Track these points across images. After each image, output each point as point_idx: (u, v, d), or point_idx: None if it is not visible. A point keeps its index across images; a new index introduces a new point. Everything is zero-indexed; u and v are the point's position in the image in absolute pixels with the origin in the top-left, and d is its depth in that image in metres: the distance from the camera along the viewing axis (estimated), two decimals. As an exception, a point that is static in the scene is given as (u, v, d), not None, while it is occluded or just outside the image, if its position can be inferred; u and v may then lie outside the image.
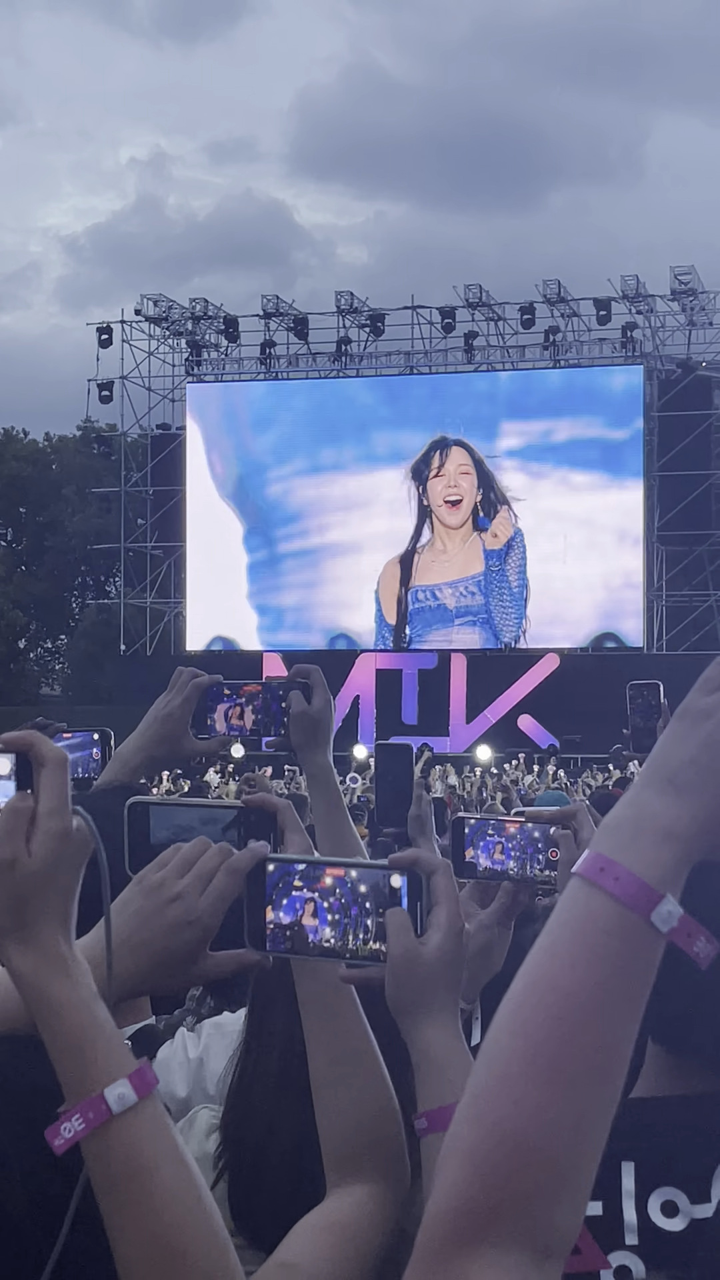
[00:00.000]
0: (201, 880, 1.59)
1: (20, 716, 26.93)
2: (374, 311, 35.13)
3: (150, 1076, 1.36)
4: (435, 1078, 1.66)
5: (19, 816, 1.38)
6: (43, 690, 58.40)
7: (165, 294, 36.73)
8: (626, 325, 33.71)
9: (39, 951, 1.36)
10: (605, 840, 1.13)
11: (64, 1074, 1.34)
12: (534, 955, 1.12)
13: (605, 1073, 1.08)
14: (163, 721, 2.78)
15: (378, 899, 1.68)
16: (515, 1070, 1.07)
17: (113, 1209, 1.32)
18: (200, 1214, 1.34)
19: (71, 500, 55.10)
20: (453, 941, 1.67)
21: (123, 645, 38.46)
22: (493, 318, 34.60)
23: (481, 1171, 1.06)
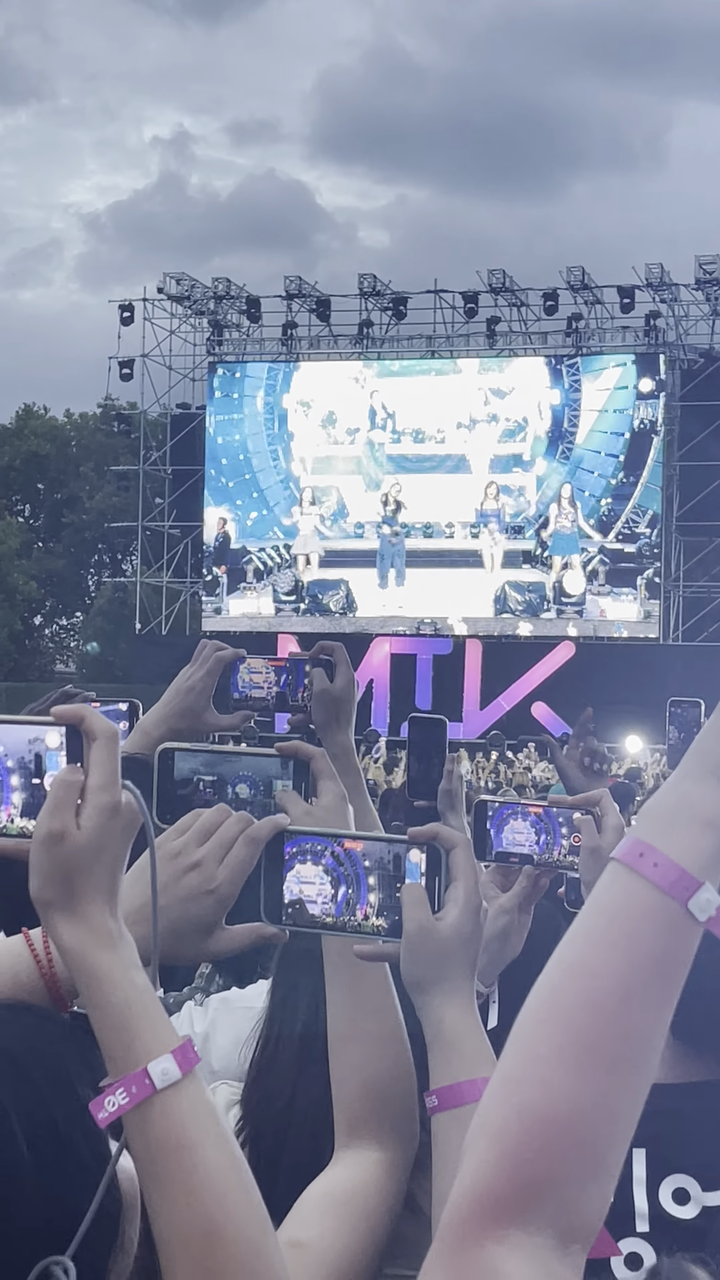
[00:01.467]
0: (221, 849, 1.59)
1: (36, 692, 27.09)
2: (396, 294, 35.05)
3: (193, 1053, 1.36)
4: (447, 1055, 1.66)
5: (69, 790, 1.38)
6: (57, 667, 58.50)
7: (188, 273, 36.70)
8: (650, 313, 33.59)
9: (86, 925, 1.36)
10: (645, 826, 1.13)
11: (108, 1048, 1.35)
12: (569, 939, 1.12)
13: (637, 1058, 1.08)
14: (185, 694, 2.77)
15: (383, 873, 1.67)
16: (547, 1053, 1.07)
17: (153, 1185, 1.32)
18: (241, 1192, 1.33)
19: (90, 478, 55.13)
20: (470, 918, 1.67)
21: (138, 624, 38.49)
22: (515, 303, 34.49)
23: (510, 1153, 1.06)
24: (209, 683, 2.77)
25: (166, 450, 37.36)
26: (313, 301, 35.53)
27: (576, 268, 33.50)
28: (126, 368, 36.57)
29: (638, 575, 28.89)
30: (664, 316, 33.75)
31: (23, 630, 55.36)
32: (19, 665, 52.67)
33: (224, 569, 31.31)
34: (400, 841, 1.68)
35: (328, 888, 1.67)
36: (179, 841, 1.60)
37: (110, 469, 46.03)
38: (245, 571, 31.04)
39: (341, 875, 1.67)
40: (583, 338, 34.17)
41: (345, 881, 1.67)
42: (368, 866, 1.67)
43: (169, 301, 36.51)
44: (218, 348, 36.71)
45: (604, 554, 29.07)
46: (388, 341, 35.58)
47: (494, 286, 33.96)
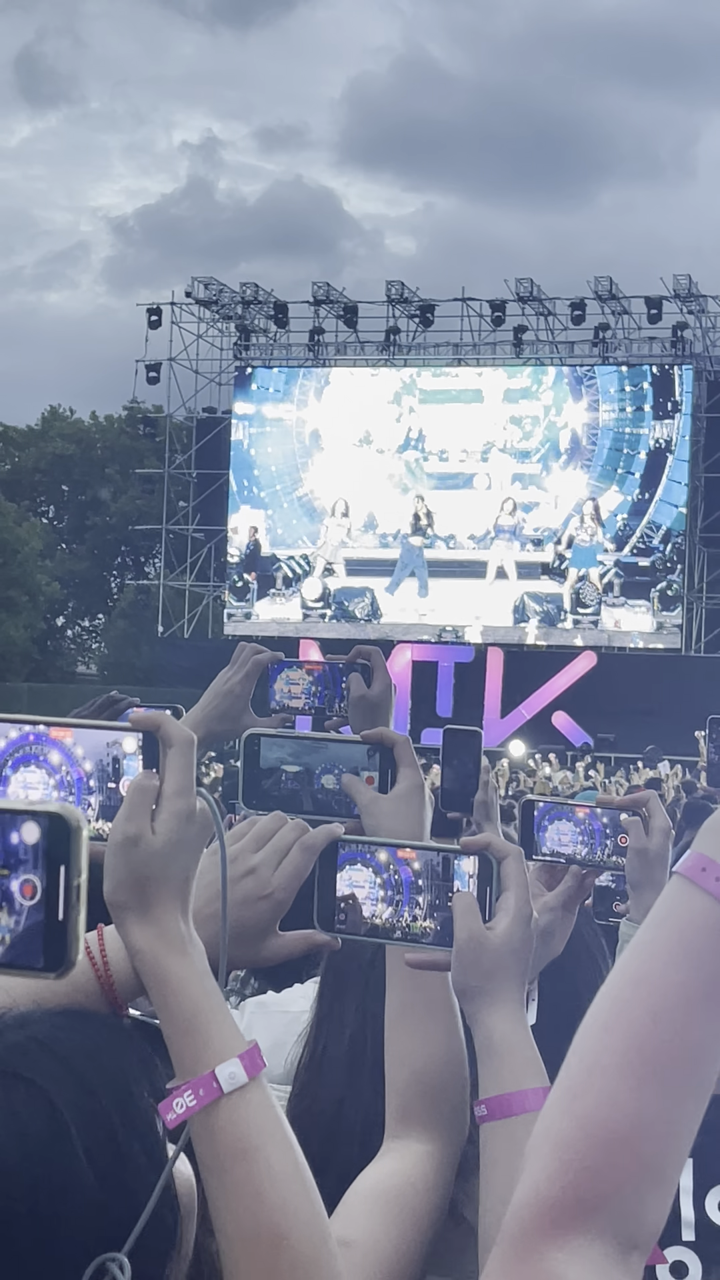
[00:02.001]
0: (276, 855, 1.61)
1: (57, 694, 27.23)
2: (424, 302, 35.08)
3: (259, 1058, 1.37)
4: (497, 1066, 1.66)
5: (145, 795, 1.39)
6: (79, 669, 58.65)
7: (215, 278, 36.80)
8: (677, 324, 33.56)
9: (157, 929, 1.38)
10: (708, 840, 1.13)
11: (176, 1051, 1.36)
12: (631, 951, 1.13)
13: (699, 1071, 1.09)
14: (224, 697, 2.78)
15: (432, 876, 1.68)
16: (609, 1064, 1.08)
17: (217, 1188, 1.34)
18: (304, 1198, 1.35)
19: (115, 480, 55.28)
20: (520, 928, 1.68)
21: (160, 627, 38.57)
22: (543, 312, 34.50)
23: (572, 1163, 1.06)
24: (248, 686, 2.78)
25: (191, 454, 37.45)
26: (340, 308, 35.59)
27: (604, 278, 33.50)
28: (153, 371, 36.68)
29: (651, 588, 29.33)
30: (691, 328, 33.73)
31: (45, 631, 55.54)
32: (40, 666, 52.82)
33: (254, 575, 31.91)
34: (452, 851, 1.69)
35: (378, 890, 1.68)
36: (235, 847, 1.61)
37: (135, 472, 46.14)
38: (274, 578, 31.68)
39: (391, 879, 1.68)
40: (609, 348, 34.16)
41: (394, 885, 1.68)
42: (417, 870, 1.68)
43: (196, 305, 36.62)
44: (244, 352, 36.79)
45: (619, 567, 29.53)
46: (414, 349, 35.62)
47: (521, 295, 33.98)
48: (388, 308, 35.35)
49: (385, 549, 30.17)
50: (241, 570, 31.61)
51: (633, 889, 2.50)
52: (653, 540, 29.23)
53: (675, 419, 28.37)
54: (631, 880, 2.48)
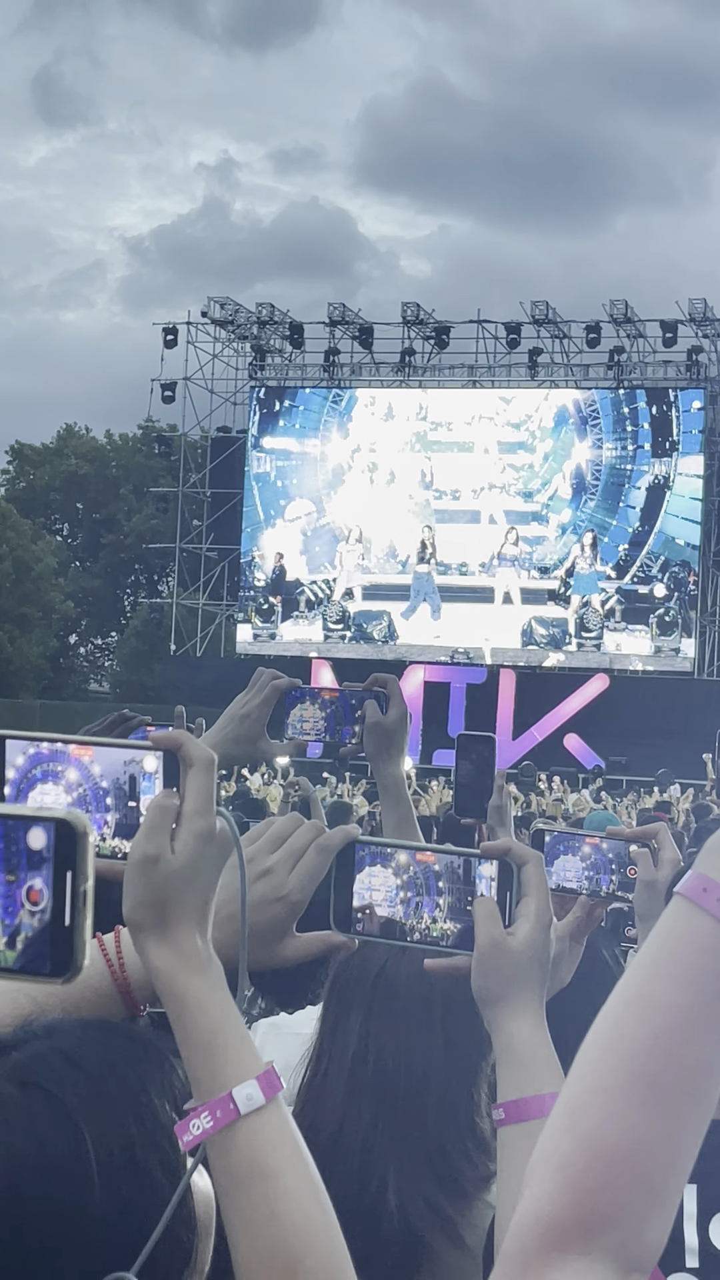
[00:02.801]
0: (292, 857, 1.61)
1: (69, 711, 27.17)
2: (439, 324, 35.11)
3: (277, 1080, 1.36)
4: (517, 1070, 1.67)
5: (165, 814, 1.39)
6: (91, 686, 58.64)
7: (232, 298, 36.87)
8: (692, 349, 33.54)
9: (176, 948, 1.37)
10: (709, 861, 1.13)
11: (194, 1071, 1.36)
12: (633, 972, 1.13)
13: (700, 1092, 1.09)
14: (240, 721, 2.77)
15: (453, 879, 1.69)
16: (611, 1084, 1.08)
17: (233, 1210, 1.33)
18: (321, 1221, 1.34)
19: (129, 499, 55.35)
20: (541, 933, 1.68)
21: (173, 646, 38.57)
22: (558, 335, 34.50)
23: (573, 1183, 1.07)
24: (264, 711, 2.77)
25: (206, 473, 37.47)
26: (355, 329, 35.62)
27: (620, 301, 33.50)
28: (168, 390, 36.74)
29: (650, 614, 30.70)
30: (706, 352, 33.71)
31: (58, 648, 55.56)
32: (53, 683, 52.85)
33: (279, 598, 33.40)
34: (473, 855, 1.70)
35: (397, 892, 1.68)
36: (251, 849, 1.61)
37: (149, 490, 46.20)
38: (298, 601, 33.06)
39: (410, 882, 1.68)
40: (624, 371, 34.15)
41: (414, 886, 1.68)
42: (437, 873, 1.68)
43: (212, 325, 36.68)
44: (260, 372, 36.85)
45: (620, 594, 31.06)
46: (429, 370, 35.64)
47: (537, 318, 33.98)
48: (403, 329, 35.38)
49: (400, 575, 31.97)
50: (268, 594, 33.14)
51: (641, 921, 2.50)
52: (652, 569, 30.72)
53: (673, 457, 30.13)
54: (640, 912, 2.48)
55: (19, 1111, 1.30)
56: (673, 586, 30.78)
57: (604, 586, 30.85)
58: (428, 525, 31.98)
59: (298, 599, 33.12)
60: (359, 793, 21.37)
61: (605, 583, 30.88)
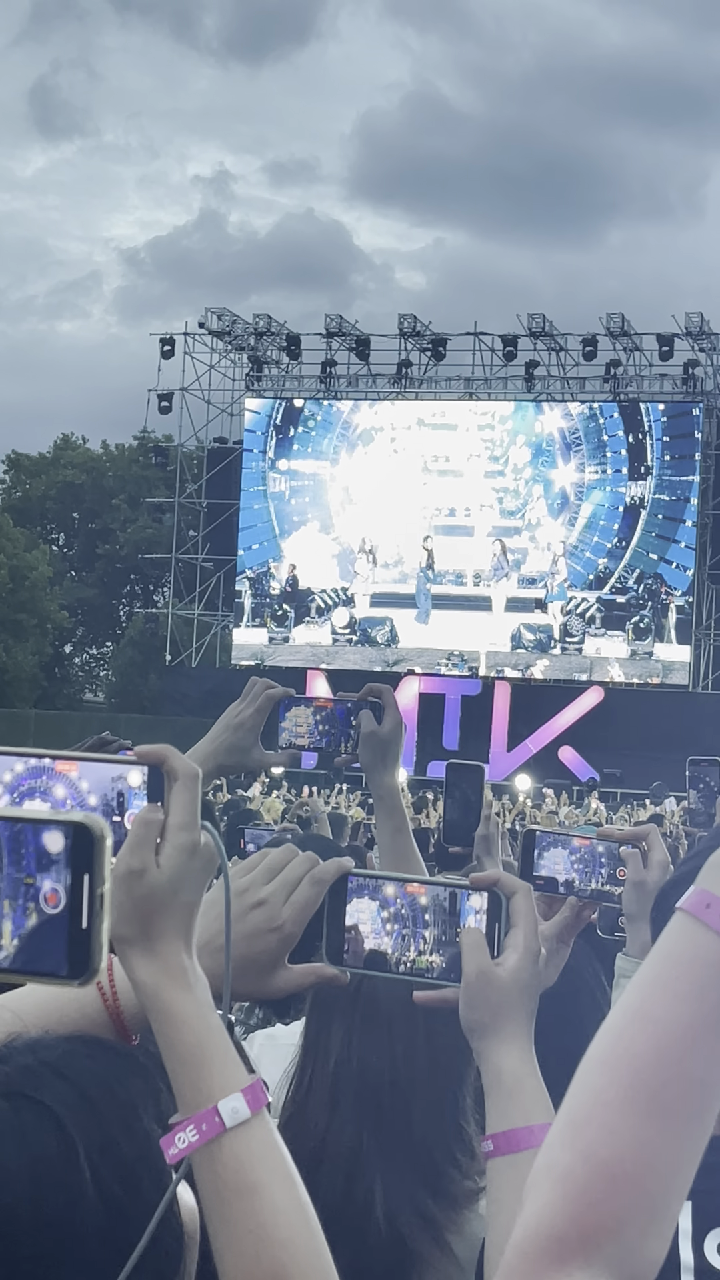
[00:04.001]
0: (286, 888, 1.60)
1: (64, 721, 27.14)
2: (436, 335, 35.18)
3: (263, 1093, 1.36)
4: (505, 1101, 1.65)
5: (149, 828, 1.38)
6: (86, 697, 58.60)
7: (229, 309, 36.90)
8: (688, 362, 33.63)
9: (161, 962, 1.36)
10: (711, 876, 1.13)
11: (179, 1085, 1.35)
12: (635, 986, 1.13)
13: (701, 1106, 1.09)
14: (234, 730, 2.76)
15: (439, 912, 1.68)
16: (612, 1098, 1.08)
17: (219, 1224, 1.32)
18: (306, 1234, 1.33)
19: (124, 509, 55.36)
20: (529, 964, 1.67)
21: (168, 656, 38.58)
22: (554, 348, 34.57)
23: (573, 1196, 1.06)
24: (258, 720, 2.77)
25: (202, 484, 37.51)
26: (352, 340, 35.69)
27: (616, 314, 33.58)
28: (165, 400, 36.78)
29: (626, 621, 32.70)
30: (702, 365, 33.80)
31: (53, 658, 55.52)
32: (48, 693, 52.79)
33: (291, 606, 35.26)
34: (462, 886, 1.69)
35: (385, 924, 1.68)
36: (245, 879, 1.61)
37: (145, 501, 46.24)
38: (309, 608, 34.78)
39: (399, 914, 1.68)
40: (620, 384, 34.22)
41: (402, 920, 1.68)
42: (425, 905, 1.68)
43: (209, 336, 36.72)
44: (256, 383, 36.90)
45: (600, 603, 33.02)
46: (426, 382, 35.71)
47: (533, 331, 34.05)
48: (399, 341, 35.46)
49: (402, 585, 34.02)
50: (282, 601, 34.93)
51: (629, 922, 2.49)
52: (628, 581, 32.78)
53: (648, 480, 32.52)
54: (628, 913, 2.48)
55: (8, 1123, 1.30)
56: (646, 597, 32.78)
57: (584, 596, 32.96)
58: (427, 538, 33.80)
59: (309, 606, 34.72)
60: (354, 803, 21.38)
61: (586, 592, 32.96)
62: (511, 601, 33.16)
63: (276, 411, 35.85)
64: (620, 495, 32.77)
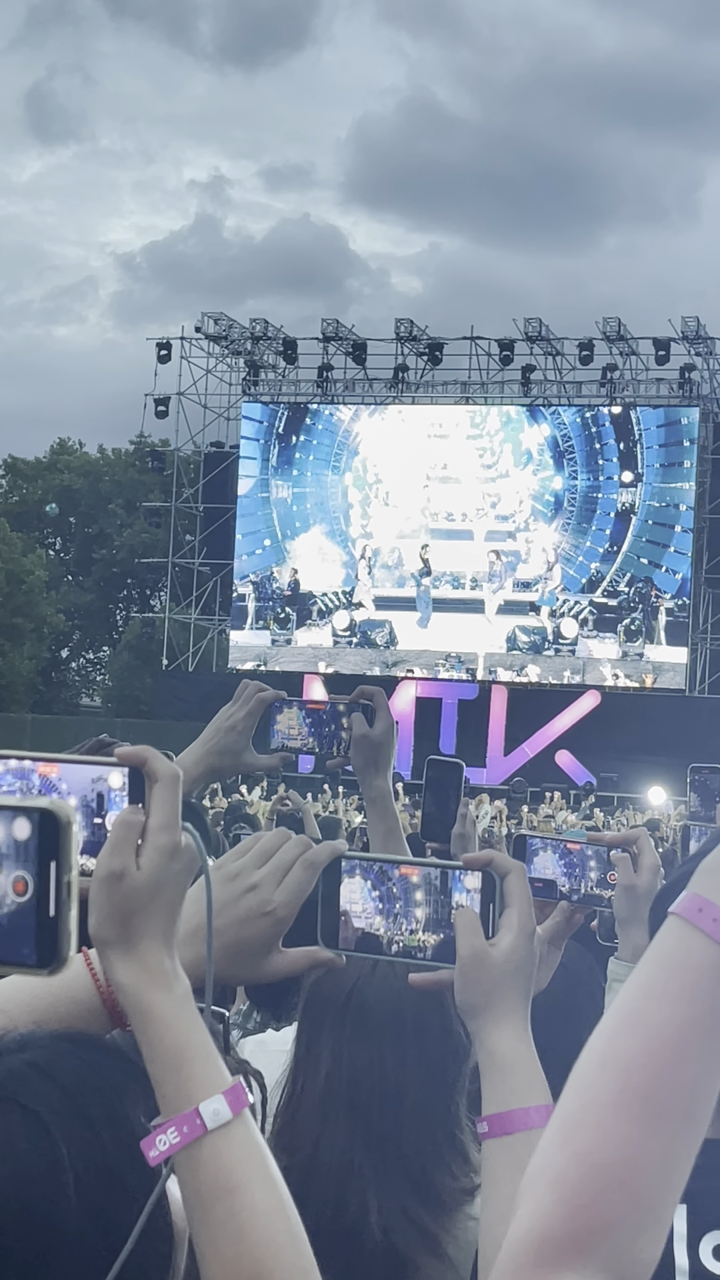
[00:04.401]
0: (279, 872, 1.59)
1: (61, 725, 27.13)
2: (433, 340, 35.19)
3: (245, 1095, 1.35)
4: (501, 1082, 1.65)
5: (130, 830, 1.38)
6: (83, 701, 58.59)
7: (225, 313, 36.91)
8: (685, 366, 33.66)
9: (141, 964, 1.36)
10: (704, 881, 1.13)
11: (160, 1087, 1.34)
12: (628, 989, 1.13)
13: (692, 1109, 1.09)
14: (225, 733, 2.77)
15: (433, 894, 1.68)
16: (605, 1100, 1.08)
17: (201, 1226, 1.32)
18: (288, 1237, 1.33)
19: (121, 514, 55.38)
20: (524, 944, 1.67)
21: (165, 660, 38.58)
22: (551, 352, 34.59)
23: (567, 1198, 1.06)
24: (250, 723, 2.77)
25: (199, 488, 37.52)
26: (349, 345, 35.70)
27: (613, 318, 33.60)
28: (162, 405, 36.78)
29: (618, 624, 33.19)
30: (699, 370, 33.83)
31: (50, 662, 55.51)
32: (45, 698, 52.80)
33: (294, 609, 35.75)
34: (455, 867, 1.69)
35: (380, 906, 1.68)
36: (238, 864, 1.59)
37: (142, 505, 46.25)
38: (311, 611, 35.27)
39: (393, 896, 1.68)
40: (617, 388, 34.25)
41: (397, 900, 1.68)
42: (420, 886, 1.68)
43: (206, 341, 36.73)
44: (253, 388, 36.92)
45: (592, 606, 33.49)
46: (423, 387, 35.73)
47: (530, 335, 34.08)
48: (396, 345, 35.49)
49: (401, 589, 34.70)
50: (284, 605, 35.51)
51: (620, 926, 2.50)
52: (619, 585, 33.30)
53: (638, 488, 33.12)
54: (620, 917, 2.48)
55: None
56: (637, 600, 33.36)
57: (577, 600, 33.65)
58: (425, 544, 34.41)
59: (310, 609, 35.29)
60: (351, 806, 21.37)
61: (579, 596, 33.63)
62: (507, 605, 33.69)
63: (279, 418, 36.00)
64: (612, 501, 33.32)
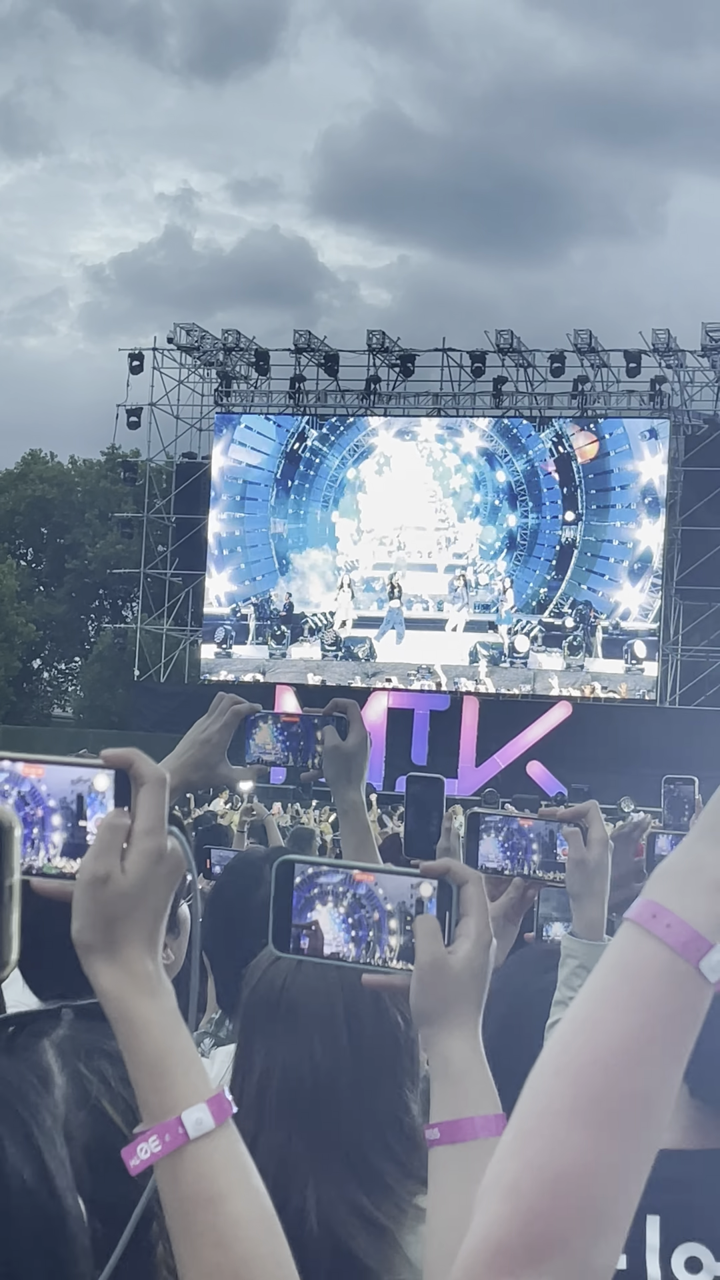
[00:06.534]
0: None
1: (32, 736, 27.09)
2: (405, 352, 35.24)
3: (227, 1104, 1.34)
4: (452, 1090, 1.64)
5: (115, 833, 1.37)
6: (54, 712, 58.39)
7: (198, 324, 36.89)
8: (655, 379, 33.79)
9: (125, 970, 1.34)
10: (658, 887, 1.13)
11: (142, 1094, 1.33)
12: (582, 996, 1.13)
13: (648, 1117, 1.08)
14: (200, 746, 2.76)
15: (402, 913, 1.68)
16: (560, 1109, 1.07)
17: (182, 1235, 1.31)
18: (270, 1246, 1.32)
19: (93, 524, 55.24)
20: (481, 953, 1.66)
21: (136, 671, 38.48)
22: (522, 364, 34.69)
23: (522, 1207, 1.06)
24: (225, 736, 2.76)
25: (171, 499, 37.47)
26: (321, 356, 35.72)
27: (584, 331, 33.72)
28: (134, 416, 36.71)
29: (562, 640, 34.54)
30: (669, 382, 33.97)
31: (21, 673, 55.29)
32: (16, 708, 52.57)
33: (288, 628, 36.91)
34: (412, 874, 1.69)
35: (335, 912, 1.67)
36: None
37: (114, 516, 46.13)
38: (303, 629, 36.49)
39: (349, 902, 1.67)
40: (588, 401, 34.38)
41: (352, 906, 1.67)
42: (376, 891, 1.68)
43: (178, 351, 36.68)
44: (225, 399, 36.90)
45: (541, 625, 35.06)
46: (395, 398, 35.77)
47: (501, 347, 34.16)
48: (368, 357, 35.52)
49: (379, 611, 36.67)
50: (280, 623, 36.82)
51: (573, 900, 2.50)
52: (563, 607, 34.84)
53: (578, 525, 35.01)
54: (572, 891, 2.49)
55: None
56: (578, 620, 35.11)
57: (528, 619, 35.68)
58: (396, 571, 36.56)
59: (303, 627, 36.54)
60: (324, 819, 21.34)
61: (530, 616, 35.55)
62: (469, 624, 35.54)
63: (290, 439, 36.44)
64: (556, 537, 35.36)
